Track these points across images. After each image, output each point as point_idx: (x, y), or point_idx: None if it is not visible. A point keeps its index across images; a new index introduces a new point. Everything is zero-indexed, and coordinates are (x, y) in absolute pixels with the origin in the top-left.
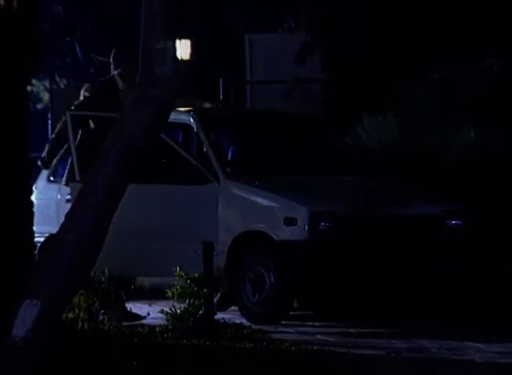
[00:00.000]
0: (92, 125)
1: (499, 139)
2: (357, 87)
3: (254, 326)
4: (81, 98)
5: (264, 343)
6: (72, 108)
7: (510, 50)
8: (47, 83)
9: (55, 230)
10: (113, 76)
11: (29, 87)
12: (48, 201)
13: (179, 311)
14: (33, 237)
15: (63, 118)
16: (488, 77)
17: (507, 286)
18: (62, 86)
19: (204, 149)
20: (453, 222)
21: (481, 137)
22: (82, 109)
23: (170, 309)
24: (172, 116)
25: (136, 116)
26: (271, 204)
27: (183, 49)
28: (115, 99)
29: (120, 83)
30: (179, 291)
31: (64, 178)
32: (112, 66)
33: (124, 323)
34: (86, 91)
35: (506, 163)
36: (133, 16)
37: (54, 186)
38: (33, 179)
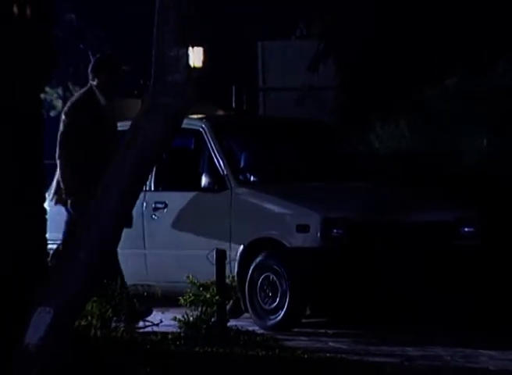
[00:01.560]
0: None
1: None
2: (370, 94)
3: (266, 334)
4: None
5: (277, 350)
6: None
7: None
8: (60, 91)
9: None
10: (91, 86)
11: (42, 95)
12: (61, 208)
13: (191, 318)
14: (46, 244)
15: None
16: (502, 84)
17: None
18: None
19: (217, 156)
20: (467, 229)
21: (494, 143)
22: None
23: (183, 317)
24: (185, 123)
25: (149, 123)
26: (283, 211)
27: (195, 57)
28: (96, 110)
29: (99, 96)
30: (192, 298)
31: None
32: (90, 77)
33: (137, 330)
34: (80, 99)
35: None
36: (145, 22)
37: None
38: (47, 186)
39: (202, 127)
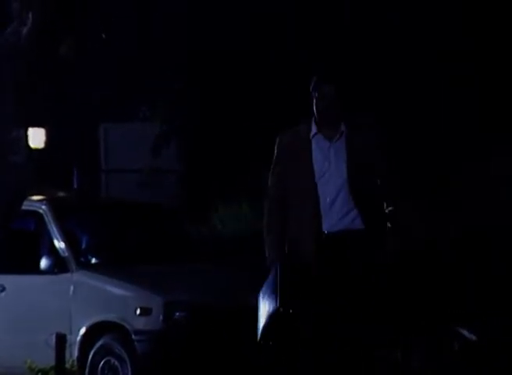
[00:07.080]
0: None
1: None
2: (212, 177)
3: None
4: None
5: None
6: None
7: None
8: None
9: None
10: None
11: None
12: None
13: None
14: None
15: None
16: None
17: None
18: None
19: (57, 238)
20: None
21: None
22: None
23: None
24: (25, 205)
25: None
26: (125, 293)
27: (36, 137)
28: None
29: (312, 125)
30: None
31: None
32: (312, 96)
33: None
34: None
35: None
36: None
37: None
38: None
39: (42, 209)
